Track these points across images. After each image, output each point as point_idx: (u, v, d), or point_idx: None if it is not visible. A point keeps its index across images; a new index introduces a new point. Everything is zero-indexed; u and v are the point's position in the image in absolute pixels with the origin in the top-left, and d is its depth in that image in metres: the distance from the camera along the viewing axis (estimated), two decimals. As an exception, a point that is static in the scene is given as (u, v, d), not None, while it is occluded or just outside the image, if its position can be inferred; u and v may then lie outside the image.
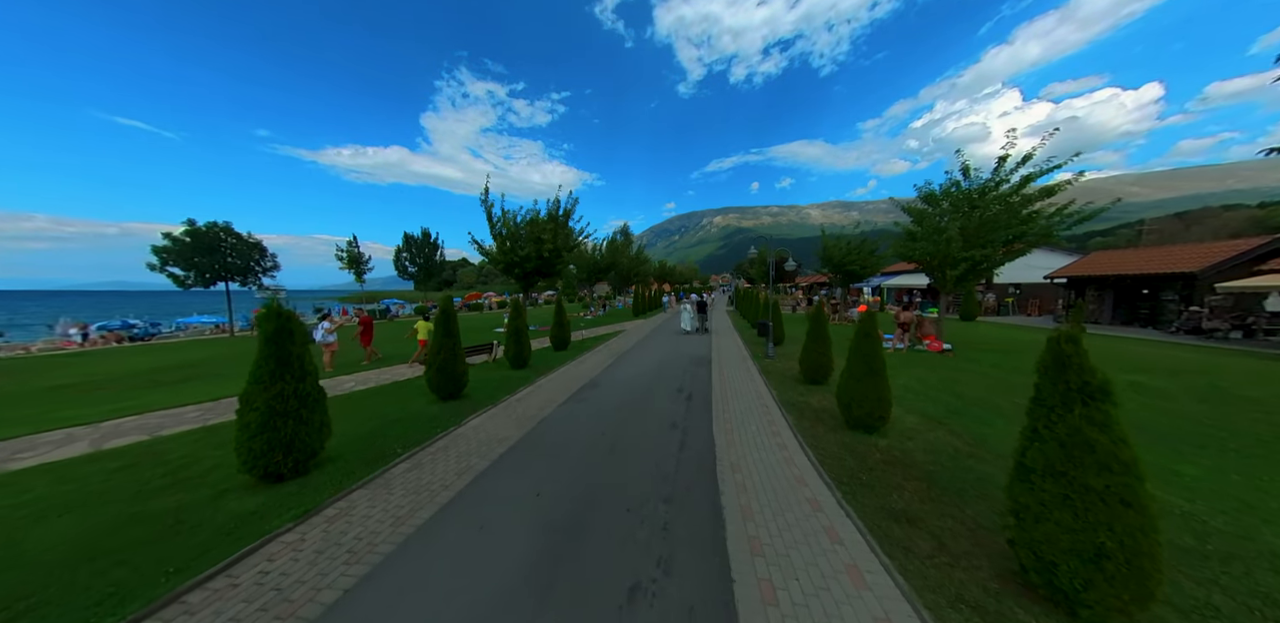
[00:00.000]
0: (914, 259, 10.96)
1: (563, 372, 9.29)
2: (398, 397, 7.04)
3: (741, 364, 10.12)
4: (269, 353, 3.62)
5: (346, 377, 8.87)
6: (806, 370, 7.58)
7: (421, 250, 29.63)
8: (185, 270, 14.13)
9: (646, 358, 11.04)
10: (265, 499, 3.45)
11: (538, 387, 7.92)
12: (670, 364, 10.14)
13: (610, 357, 11.33)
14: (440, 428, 5.48)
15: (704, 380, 8.37)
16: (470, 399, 6.85)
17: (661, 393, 7.41)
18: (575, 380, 8.43)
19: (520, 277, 16.05)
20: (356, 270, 25.83)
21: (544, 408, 6.52)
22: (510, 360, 9.41)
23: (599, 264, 27.87)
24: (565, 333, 12.13)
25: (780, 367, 9.47)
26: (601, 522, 3.32)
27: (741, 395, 7.11)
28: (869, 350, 4.97)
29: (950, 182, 10.50)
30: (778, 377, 8.44)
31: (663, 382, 8.30)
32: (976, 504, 3.42)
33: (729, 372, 9.20)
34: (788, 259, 10.41)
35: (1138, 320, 15.84)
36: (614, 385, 8.01)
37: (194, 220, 14.12)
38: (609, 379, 8.56)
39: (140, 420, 6.14)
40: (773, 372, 8.94)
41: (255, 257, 15.84)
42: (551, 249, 15.15)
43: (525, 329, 9.44)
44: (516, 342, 9.32)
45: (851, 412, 5.04)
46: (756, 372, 9.14)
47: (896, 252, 11.32)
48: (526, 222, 15.07)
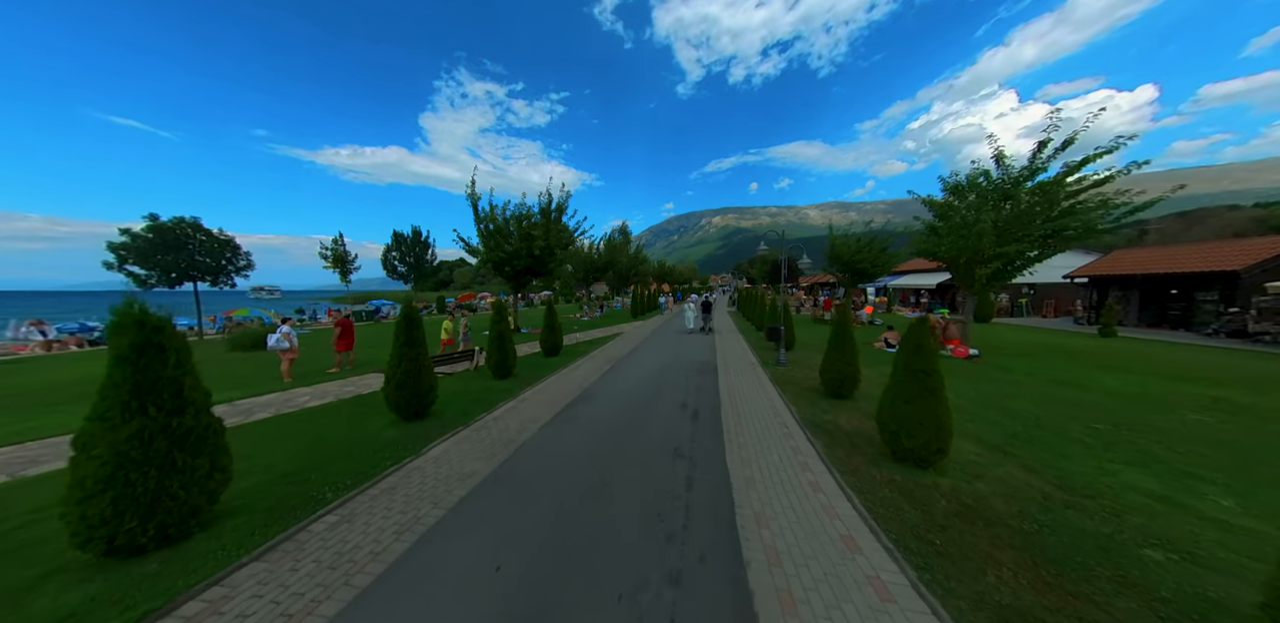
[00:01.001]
0: (938, 256, 10.00)
1: (552, 382, 8.29)
2: (353, 416, 6.01)
3: (750, 372, 9.14)
4: (122, 377, 2.61)
5: (305, 389, 7.83)
6: (828, 382, 6.60)
7: (412, 249, 28.60)
8: (147, 269, 13.10)
9: (646, 364, 10.05)
10: (100, 589, 2.39)
11: (521, 401, 6.91)
12: (672, 372, 9.16)
13: (606, 363, 10.34)
14: (392, 459, 4.47)
15: (710, 392, 7.38)
16: (438, 419, 5.83)
17: (663, 409, 6.42)
18: (565, 393, 7.43)
19: (510, 276, 15.06)
20: (342, 270, 24.77)
21: (524, 429, 5.51)
22: (492, 369, 8.40)
23: (596, 263, 26.86)
24: (557, 337, 11.12)
25: (795, 376, 8.48)
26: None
27: (755, 412, 6.12)
28: (923, 366, 3.99)
29: (977, 171, 9.54)
30: (794, 388, 7.46)
31: (664, 394, 7.31)
32: (1123, 596, 2.41)
33: (738, 381, 8.21)
34: (801, 256, 9.42)
35: (1167, 322, 14.92)
36: (609, 399, 7.02)
37: (156, 215, 13.07)
38: (604, 390, 7.57)
39: (11, 453, 4.93)
40: (787, 382, 7.95)
41: (227, 255, 14.80)
42: (543, 246, 14.17)
43: (509, 334, 8.44)
44: (499, 348, 8.31)
45: (901, 442, 4.05)
46: (768, 381, 8.15)
47: (918, 248, 10.37)
48: (514, 217, 14.08)
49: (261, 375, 8.98)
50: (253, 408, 6.44)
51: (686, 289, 64.67)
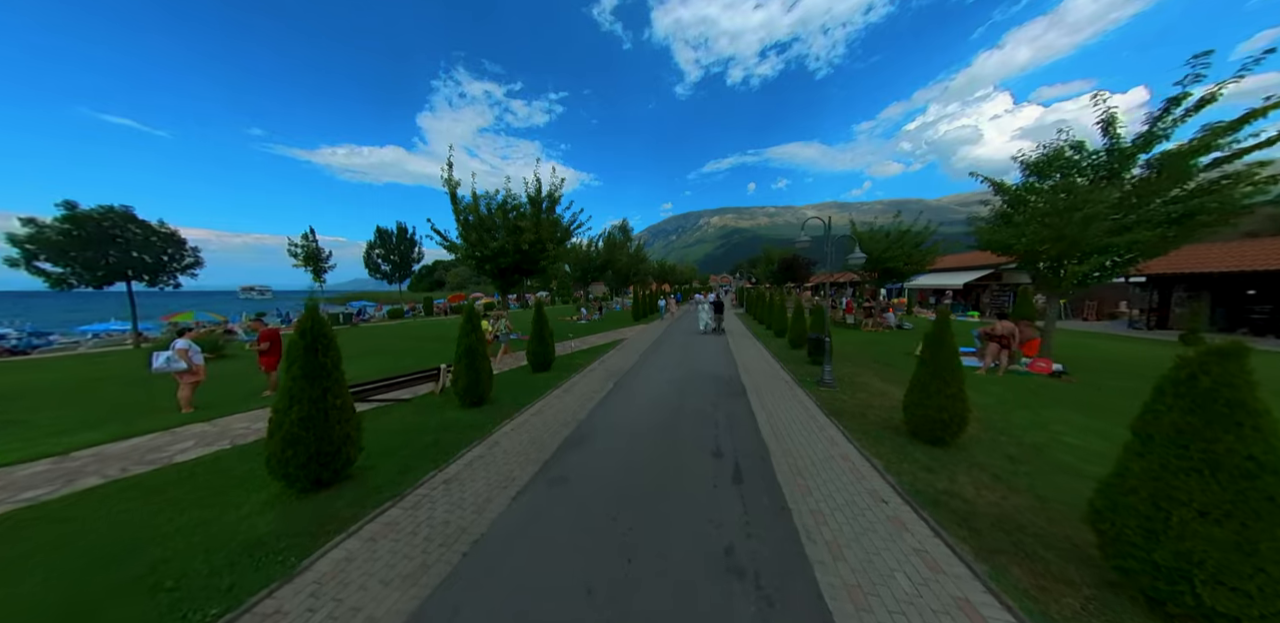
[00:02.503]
0: (1013, 250, 8.13)
1: (537, 412, 6.39)
2: (220, 487, 4.01)
3: (788, 394, 7.26)
4: None
5: (198, 427, 5.80)
6: (920, 421, 4.67)
7: (396, 247, 26.63)
8: (63, 267, 11.11)
9: (656, 382, 8.17)
10: None
11: (492, 446, 5.01)
12: (690, 393, 7.28)
13: (607, 380, 8.44)
14: (246, 588, 2.57)
15: (746, 428, 5.50)
16: (357, 486, 3.91)
17: (688, 459, 4.54)
18: (553, 429, 5.54)
19: (495, 274, 13.13)
20: (315, 268, 22.68)
21: (485, 505, 3.62)
22: (460, 396, 6.49)
23: (594, 262, 24.95)
24: (547, 349, 9.21)
25: (848, 402, 6.59)
26: None
27: (823, 468, 4.23)
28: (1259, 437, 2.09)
29: (1064, 144, 7.66)
30: (856, 423, 5.57)
31: (685, 430, 5.42)
32: None
33: (777, 409, 6.33)
34: (854, 250, 7.54)
35: (1246, 326, 13.11)
36: (612, 440, 5.13)
37: (74, 203, 11.11)
38: (604, 427, 5.67)
39: None
40: (843, 412, 6.06)
41: (169, 251, 12.83)
42: (533, 241, 12.24)
43: (481, 349, 6.52)
44: (469, 368, 6.40)
45: (1196, 591, 2.14)
46: (817, 409, 6.26)
47: (986, 241, 8.51)
48: (499, 207, 12.15)
49: (166, 401, 6.99)
50: (88, 465, 4.45)
51: (687, 290, 62.87)
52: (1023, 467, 4.03)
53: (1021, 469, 3.94)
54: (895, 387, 7.54)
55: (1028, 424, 5.31)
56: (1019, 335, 8.72)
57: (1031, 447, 4.46)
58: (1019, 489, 3.55)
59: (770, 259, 42.85)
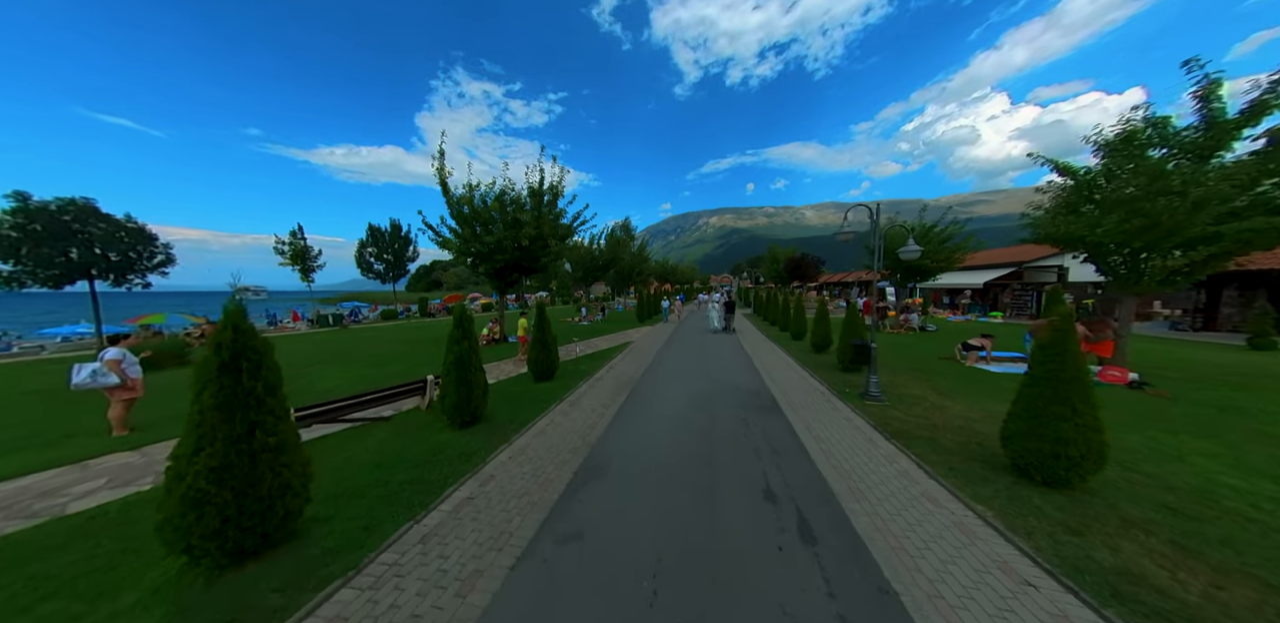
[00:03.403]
0: (1084, 242, 7.10)
1: (540, 432, 5.38)
2: (129, 548, 2.93)
3: (830, 409, 6.24)
4: None
5: (121, 458, 4.71)
6: (1031, 455, 3.61)
7: (390, 246, 25.58)
8: (11, 264, 10.03)
9: (675, 394, 7.16)
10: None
11: (481, 484, 3.99)
12: (717, 408, 6.27)
13: (619, 391, 7.44)
14: None
15: (796, 457, 4.49)
16: (299, 550, 2.89)
17: (735, 503, 3.54)
18: (559, 459, 4.52)
19: (493, 273, 12.11)
20: (303, 268, 21.58)
21: (473, 581, 2.62)
22: (448, 414, 5.47)
23: (597, 261, 23.93)
24: (550, 355, 8.18)
25: (909, 421, 5.57)
26: None
27: (918, 522, 3.21)
28: None
29: (1147, 120, 6.65)
30: (932, 450, 4.55)
31: (721, 460, 4.41)
32: None
33: (825, 430, 5.32)
34: (908, 242, 6.51)
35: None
36: (632, 476, 4.11)
37: (26, 194, 10.02)
38: (621, 454, 4.66)
39: None
40: (910, 435, 5.04)
41: (137, 248, 11.78)
42: (533, 236, 11.22)
43: (473, 359, 5.51)
44: (459, 382, 5.38)
45: None
46: (874, 432, 5.24)
47: (1049, 233, 7.51)
48: (496, 199, 11.13)
49: (98, 420, 5.83)
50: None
51: (689, 290, 61.97)
52: (1202, 526, 2.96)
53: (1206, 532, 2.87)
54: (950, 400, 6.55)
55: (1151, 454, 4.29)
56: (1101, 329, 7.67)
57: (1189, 492, 3.43)
58: (1228, 570, 2.50)
59: (776, 258, 41.88)
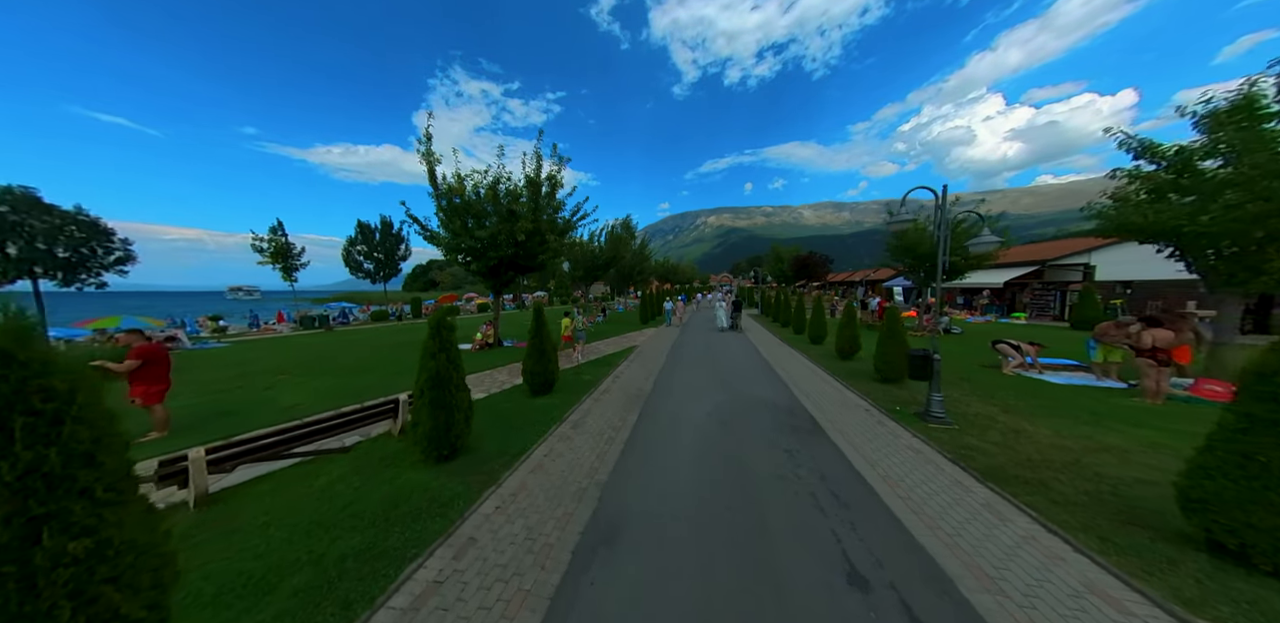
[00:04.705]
0: (1181, 234, 6.04)
1: (535, 468, 4.30)
2: None
3: (887, 434, 5.17)
4: None
5: None
6: (1248, 530, 2.48)
7: (381, 243, 24.41)
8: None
9: (694, 412, 6.08)
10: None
11: (455, 556, 2.90)
12: (746, 432, 5.21)
13: (628, 409, 6.36)
14: None
15: (869, 509, 3.42)
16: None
17: (809, 592, 2.45)
18: (560, 511, 3.43)
19: (485, 272, 11.01)
20: (284, 266, 20.32)
21: None
22: (422, 445, 4.37)
23: (597, 259, 22.83)
24: (548, 365, 7.09)
25: (995, 453, 4.50)
26: None
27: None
28: None
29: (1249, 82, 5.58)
30: (1043, 496, 3.49)
31: (773, 516, 3.34)
32: None
33: (891, 464, 4.24)
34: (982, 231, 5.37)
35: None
36: (656, 544, 3.03)
37: (-48, 182, 8.92)
38: (637, 503, 3.58)
39: None
40: (1008, 475, 3.96)
41: (90, 243, 10.64)
42: (530, 229, 10.12)
43: (452, 375, 4.42)
44: (434, 406, 4.29)
45: None
46: (956, 469, 4.17)
47: (1123, 223, 6.47)
48: (489, 189, 10.03)
49: None
50: None
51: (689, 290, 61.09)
52: None
53: None
54: (1027, 422, 5.49)
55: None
56: (1197, 338, 6.59)
57: None
58: None
59: (780, 257, 40.87)
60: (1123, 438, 4.72)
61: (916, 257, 13.91)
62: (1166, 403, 6.05)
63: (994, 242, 5.23)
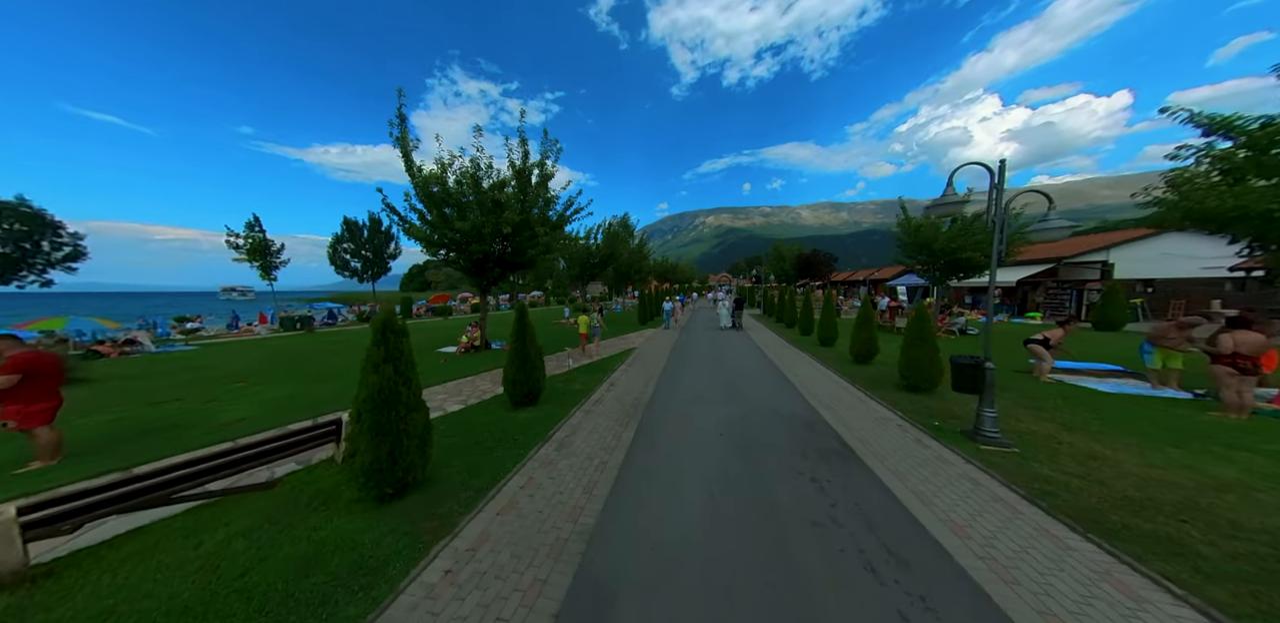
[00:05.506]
0: (1274, 219, 5.17)
1: (504, 509, 3.38)
2: None
3: (929, 458, 4.28)
4: None
5: None
6: None
7: (369, 241, 23.44)
8: None
9: (701, 427, 5.17)
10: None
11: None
12: (763, 451, 4.32)
13: (623, 424, 5.45)
14: None
15: (940, 575, 2.51)
16: None
17: None
18: (530, 578, 2.50)
19: (470, 268, 10.09)
20: (262, 264, 19.20)
21: None
22: (362, 483, 3.44)
23: (594, 257, 21.90)
24: (532, 373, 6.17)
25: (1080, 488, 3.60)
26: None
27: None
28: None
29: None
30: (1181, 561, 2.60)
31: (813, 581, 2.40)
32: None
33: (953, 506, 3.33)
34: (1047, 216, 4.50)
35: None
36: (653, 618, 2.12)
37: None
38: (633, 563, 2.65)
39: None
40: (1110, 522, 3.07)
41: (35, 238, 9.67)
42: (516, 222, 9.20)
43: (403, 391, 3.50)
44: (375, 431, 3.38)
45: None
46: (1042, 515, 3.27)
47: (1199, 209, 5.61)
48: (470, 175, 9.10)
49: None
50: None
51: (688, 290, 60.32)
52: None
53: None
54: (1098, 443, 4.59)
55: None
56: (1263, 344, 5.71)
57: None
58: None
59: (782, 256, 40.04)
60: (1234, 468, 3.84)
61: (931, 253, 13.03)
62: (1253, 418, 5.18)
63: (1066, 225, 4.36)
